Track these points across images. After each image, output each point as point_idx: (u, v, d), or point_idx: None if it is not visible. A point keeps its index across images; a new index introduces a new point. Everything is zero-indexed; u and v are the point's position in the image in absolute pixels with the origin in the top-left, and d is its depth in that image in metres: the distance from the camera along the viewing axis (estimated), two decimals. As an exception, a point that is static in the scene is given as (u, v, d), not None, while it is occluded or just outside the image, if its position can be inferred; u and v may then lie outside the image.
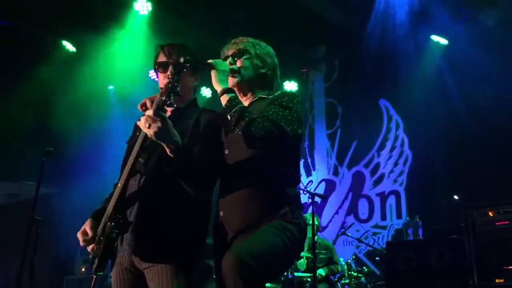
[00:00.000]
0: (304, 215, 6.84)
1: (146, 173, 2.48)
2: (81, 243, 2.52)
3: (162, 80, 2.67)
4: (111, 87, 9.30)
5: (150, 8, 7.76)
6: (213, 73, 2.50)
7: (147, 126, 2.21)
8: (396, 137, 8.63)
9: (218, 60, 2.57)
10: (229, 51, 2.69)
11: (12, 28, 7.46)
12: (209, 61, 2.51)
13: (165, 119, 2.22)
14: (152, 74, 8.34)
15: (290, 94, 2.52)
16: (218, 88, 2.46)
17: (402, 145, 8.52)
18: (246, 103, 2.59)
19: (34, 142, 7.33)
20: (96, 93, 8.30)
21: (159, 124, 2.19)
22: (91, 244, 2.48)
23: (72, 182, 8.19)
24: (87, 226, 2.54)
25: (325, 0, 7.92)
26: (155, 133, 2.21)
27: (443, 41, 7.84)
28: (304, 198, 7.14)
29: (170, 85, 2.19)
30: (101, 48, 7.88)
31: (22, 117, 7.81)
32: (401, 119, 8.64)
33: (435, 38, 7.85)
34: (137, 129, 2.71)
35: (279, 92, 2.61)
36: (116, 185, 2.73)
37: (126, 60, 8.06)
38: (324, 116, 9.82)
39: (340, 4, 7.96)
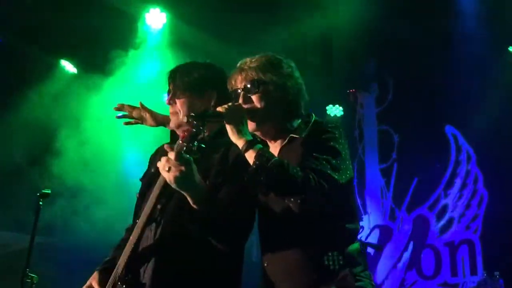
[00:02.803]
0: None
1: (164, 222, 2.48)
2: None
3: (171, 110, 2.73)
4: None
5: (164, 20, 7.95)
6: (228, 125, 2.37)
7: (167, 169, 2.21)
8: (468, 172, 8.52)
9: (231, 105, 2.42)
10: (238, 81, 2.56)
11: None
12: (219, 109, 2.39)
13: (190, 163, 2.22)
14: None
15: (328, 126, 2.48)
16: (239, 142, 2.34)
17: (475, 182, 8.40)
18: (275, 149, 2.53)
19: (24, 182, 7.49)
20: (103, 125, 8.41)
21: (182, 168, 2.19)
22: None
23: (70, 229, 8.28)
24: (94, 281, 2.59)
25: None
26: (176, 178, 2.20)
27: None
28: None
29: (192, 132, 2.20)
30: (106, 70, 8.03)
31: (11, 150, 7.95)
32: (473, 150, 8.54)
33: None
34: (152, 163, 2.75)
35: (313, 120, 2.56)
36: (128, 230, 2.74)
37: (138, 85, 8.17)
38: (376, 147, 9.78)
39: (393, 9, 7.98)
